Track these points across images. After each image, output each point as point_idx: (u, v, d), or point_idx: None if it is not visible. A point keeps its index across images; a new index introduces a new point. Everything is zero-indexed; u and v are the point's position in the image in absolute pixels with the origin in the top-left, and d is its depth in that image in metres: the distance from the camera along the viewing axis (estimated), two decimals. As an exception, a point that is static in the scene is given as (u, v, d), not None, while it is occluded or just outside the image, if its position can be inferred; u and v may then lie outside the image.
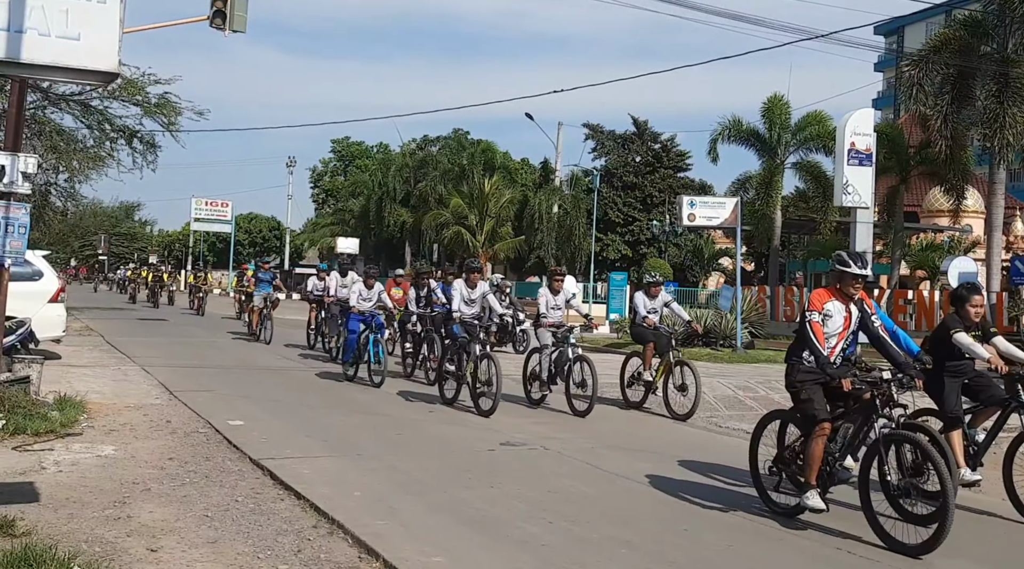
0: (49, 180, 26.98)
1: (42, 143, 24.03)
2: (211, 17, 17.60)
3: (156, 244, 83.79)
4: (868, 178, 20.27)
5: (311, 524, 6.23)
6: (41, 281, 14.86)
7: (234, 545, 5.70)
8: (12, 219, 9.08)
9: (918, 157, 29.39)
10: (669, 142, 49.33)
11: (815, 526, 6.67)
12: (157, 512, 6.35)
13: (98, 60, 4.67)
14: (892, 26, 50.79)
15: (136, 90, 24.78)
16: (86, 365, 14.82)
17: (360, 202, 58.65)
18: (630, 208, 47.27)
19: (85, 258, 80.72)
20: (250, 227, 75.82)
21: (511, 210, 47.94)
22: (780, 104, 33.12)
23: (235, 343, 20.94)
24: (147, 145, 27.18)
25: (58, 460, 7.80)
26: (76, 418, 9.50)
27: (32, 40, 4.53)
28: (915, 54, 25.55)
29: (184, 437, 9.19)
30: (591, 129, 50.43)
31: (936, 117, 23.97)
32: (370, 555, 5.59)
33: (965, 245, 33.85)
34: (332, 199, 72.48)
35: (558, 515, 6.69)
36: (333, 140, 76.06)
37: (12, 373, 10.14)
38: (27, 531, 5.55)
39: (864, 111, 21.50)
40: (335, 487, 7.22)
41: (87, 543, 5.52)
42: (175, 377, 13.69)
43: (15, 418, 8.81)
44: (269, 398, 12.15)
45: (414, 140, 61.90)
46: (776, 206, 33.09)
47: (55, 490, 6.76)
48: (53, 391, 10.53)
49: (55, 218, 32.48)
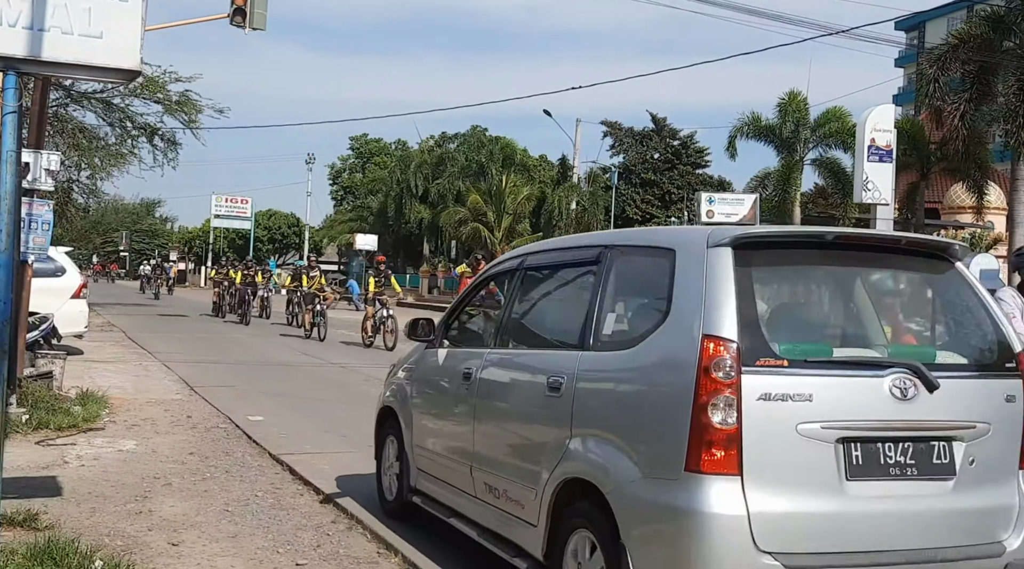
0: (71, 177, 27.23)
1: (64, 141, 24.23)
2: (231, 15, 17.70)
3: (177, 241, 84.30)
4: (888, 174, 20.17)
5: (330, 519, 6.26)
6: (64, 277, 15.00)
7: (254, 539, 5.74)
8: (36, 216, 9.16)
9: (939, 153, 29.16)
10: (688, 139, 49.29)
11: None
12: (178, 506, 6.40)
13: (120, 58, 4.70)
14: (913, 22, 50.39)
15: (157, 88, 24.95)
16: (108, 360, 14.95)
17: (378, 199, 58.81)
18: (648, 205, 47.27)
19: (106, 254, 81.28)
20: (269, 224, 76.14)
21: (529, 207, 47.99)
22: (797, 101, 32.97)
23: (253, 339, 21.10)
24: (168, 142, 27.39)
25: (80, 454, 7.87)
26: (98, 413, 9.59)
27: (55, 38, 4.57)
28: (936, 50, 25.34)
29: (204, 432, 9.26)
30: (609, 126, 50.48)
31: (952, 114, 23.76)
32: (389, 550, 5.61)
33: (987, 242, 33.57)
34: (351, 196, 72.70)
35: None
36: (351, 137, 76.32)
37: (35, 368, 10.26)
38: (50, 525, 5.61)
39: (884, 107, 21.41)
40: (353, 482, 7.26)
41: (109, 537, 5.57)
42: (195, 373, 13.79)
43: (38, 413, 8.90)
44: (288, 394, 12.22)
45: (432, 137, 62.08)
46: (795, 203, 32.97)
47: (77, 484, 6.82)
48: (75, 386, 10.63)
49: (77, 215, 32.76)
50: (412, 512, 6.18)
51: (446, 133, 61.26)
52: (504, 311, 5.45)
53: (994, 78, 24.16)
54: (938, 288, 4.45)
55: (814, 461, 3.67)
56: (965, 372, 4.08)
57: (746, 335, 3.67)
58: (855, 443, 3.73)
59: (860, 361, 3.92)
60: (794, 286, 4.49)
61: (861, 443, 3.75)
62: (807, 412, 3.66)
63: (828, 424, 3.68)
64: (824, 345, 3.97)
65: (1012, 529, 3.96)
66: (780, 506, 3.62)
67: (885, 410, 3.78)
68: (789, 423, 3.65)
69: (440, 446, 5.73)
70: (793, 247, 4.21)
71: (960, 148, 24.76)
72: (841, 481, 3.70)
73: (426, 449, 5.88)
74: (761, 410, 3.63)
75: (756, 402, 3.62)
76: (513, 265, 5.60)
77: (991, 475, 3.97)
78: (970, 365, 4.13)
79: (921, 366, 3.85)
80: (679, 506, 3.63)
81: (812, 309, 4.51)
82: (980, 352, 4.19)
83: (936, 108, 24.42)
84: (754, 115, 33.22)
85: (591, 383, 4.30)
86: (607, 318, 4.44)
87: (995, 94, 24.31)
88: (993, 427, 3.98)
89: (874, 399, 3.78)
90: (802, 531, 3.66)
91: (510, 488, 4.76)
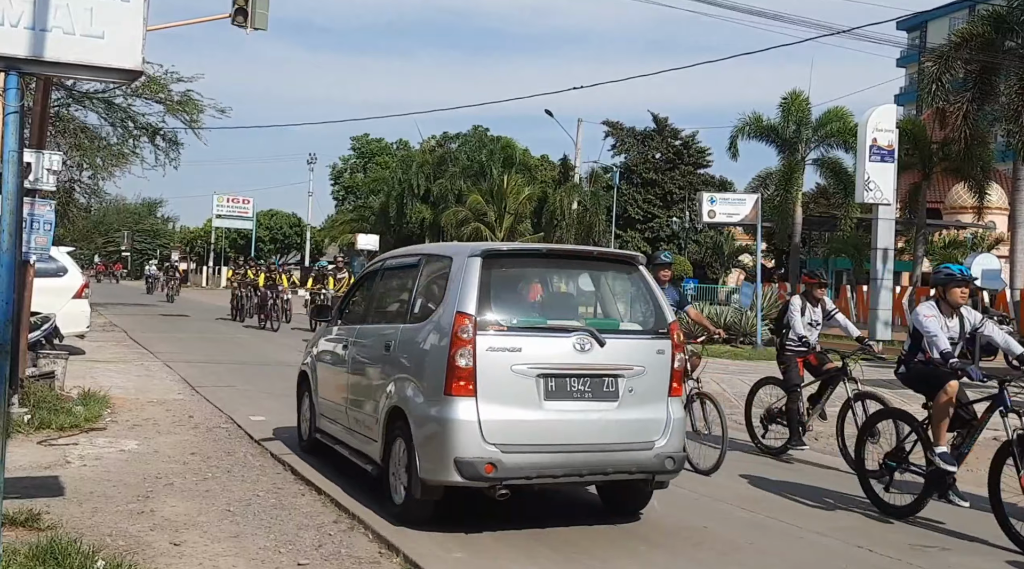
0: (73, 177, 27.21)
1: (66, 140, 24.22)
2: (233, 15, 17.70)
3: (178, 240, 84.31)
4: (890, 174, 20.15)
5: (332, 519, 6.27)
6: (65, 277, 15.01)
7: (256, 539, 5.74)
8: (37, 216, 9.16)
9: (941, 153, 29.12)
10: (689, 139, 49.19)
11: (839, 526, 6.66)
12: (180, 506, 6.41)
13: (122, 58, 4.70)
14: (915, 22, 50.43)
15: (159, 88, 24.93)
16: (109, 360, 14.95)
17: (380, 199, 58.72)
18: (650, 205, 47.20)
19: (108, 254, 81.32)
20: (271, 224, 76.14)
21: (530, 207, 47.93)
22: (799, 100, 32.91)
23: (255, 339, 21.06)
24: (170, 142, 27.35)
25: (82, 454, 7.88)
26: (100, 413, 9.60)
27: (57, 39, 4.56)
28: (938, 49, 25.31)
29: (206, 432, 9.27)
30: (611, 126, 50.41)
31: (956, 114, 23.74)
32: (391, 550, 5.62)
33: (988, 242, 33.58)
34: (352, 196, 72.62)
35: (572, 508, 6.71)
36: (352, 137, 76.22)
37: (37, 368, 10.25)
38: (52, 525, 5.61)
39: (886, 107, 21.39)
40: (354, 482, 7.26)
41: (111, 537, 5.58)
42: (197, 373, 13.80)
43: (40, 413, 8.91)
44: (290, 394, 12.19)
45: (434, 137, 62.00)
46: (797, 203, 32.92)
47: (79, 484, 6.83)
48: (77, 386, 10.63)
49: (79, 215, 32.70)
50: (318, 447, 8.09)
51: (448, 133, 61.27)
52: (371, 297, 7.81)
53: (996, 78, 24.13)
54: (628, 283, 6.75)
55: (523, 388, 5.88)
56: (633, 335, 6.44)
57: (482, 311, 5.92)
58: (549, 378, 5.94)
59: (555, 327, 6.11)
60: (520, 281, 6.65)
61: (554, 378, 5.97)
62: (518, 358, 5.87)
63: (532, 366, 5.90)
64: (536, 317, 6.23)
65: (662, 433, 6.22)
66: (500, 415, 5.82)
67: (569, 357, 5.99)
68: (507, 364, 5.86)
69: (331, 394, 7.89)
70: (522, 256, 6.80)
71: (963, 147, 24.71)
72: (541, 401, 5.92)
73: (324, 398, 8.09)
74: (489, 357, 5.84)
75: (486, 352, 5.84)
76: (378, 266, 8.04)
77: (646, 399, 6.23)
78: (639, 331, 6.49)
79: (595, 331, 6.08)
80: (441, 416, 5.84)
81: (527, 295, 6.69)
82: (648, 322, 6.52)
83: (939, 107, 24.39)
84: (756, 115, 33.15)
85: (404, 344, 6.51)
86: (417, 301, 6.69)
87: (997, 94, 24.27)
88: (647, 369, 6.23)
89: (562, 350, 6.00)
90: (514, 431, 5.84)
91: (366, 419, 6.91)
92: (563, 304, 6.94)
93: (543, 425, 5.90)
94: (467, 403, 5.78)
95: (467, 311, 5.86)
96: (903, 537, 6.43)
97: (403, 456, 6.17)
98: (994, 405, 6.60)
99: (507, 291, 6.34)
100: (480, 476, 5.72)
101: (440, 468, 5.82)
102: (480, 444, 5.74)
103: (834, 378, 9.16)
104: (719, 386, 14.28)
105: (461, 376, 5.78)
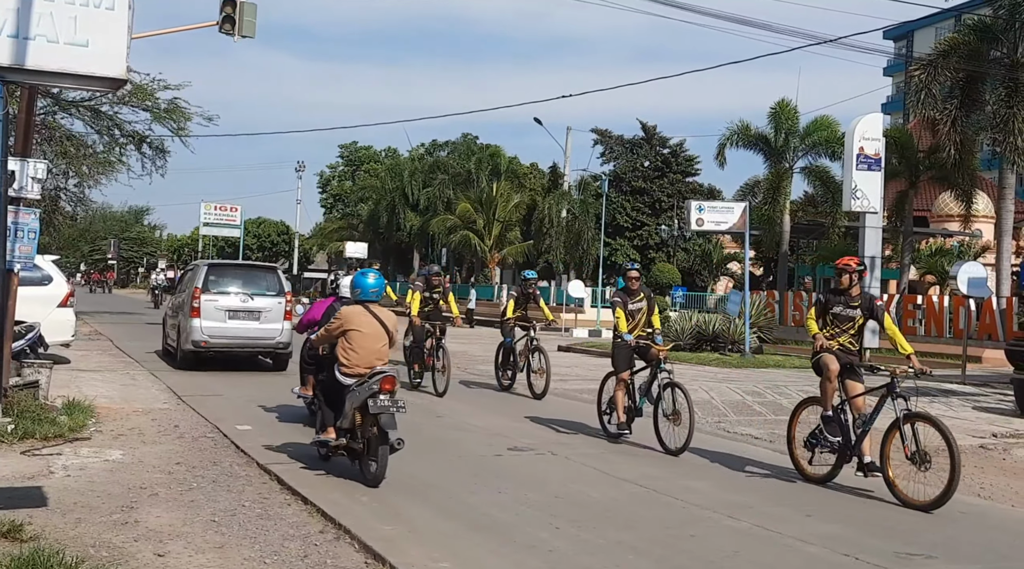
0: (59, 185, 27.14)
1: (52, 148, 24.16)
2: (220, 23, 17.71)
3: (165, 248, 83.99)
4: (877, 183, 20.19)
5: (318, 529, 6.24)
6: (50, 286, 14.92)
7: (241, 550, 5.70)
8: (22, 224, 9.12)
9: (928, 162, 29.25)
10: (677, 147, 49.22)
11: (823, 534, 6.67)
12: (164, 517, 6.36)
13: (106, 66, 4.68)
14: (901, 31, 50.64)
15: (145, 95, 24.91)
16: (95, 369, 14.87)
17: (368, 207, 58.69)
18: (639, 213, 47.19)
19: (94, 262, 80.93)
20: (259, 232, 75.87)
21: (519, 214, 47.94)
22: (787, 109, 33.03)
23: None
24: (156, 150, 27.35)
25: (66, 465, 7.82)
26: (84, 422, 9.53)
27: (40, 47, 4.55)
28: (924, 59, 25.45)
29: (192, 442, 9.21)
30: (600, 134, 50.38)
31: (945, 121, 23.88)
32: (377, 560, 5.59)
33: (975, 250, 33.70)
34: (340, 204, 72.53)
35: (565, 520, 6.69)
36: (341, 145, 76.12)
37: (21, 377, 10.17)
38: (35, 536, 5.56)
39: (873, 116, 21.41)
40: (341, 492, 7.23)
41: (94, 548, 5.53)
42: (183, 382, 13.73)
43: (24, 422, 8.84)
44: (277, 403, 12.15)
45: (423, 145, 62.02)
46: (784, 211, 32.99)
47: (63, 495, 6.78)
48: (62, 395, 10.56)
49: (65, 223, 32.60)
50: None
51: (436, 141, 61.25)
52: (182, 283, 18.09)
53: (982, 87, 24.29)
54: (272, 276, 16.71)
55: (218, 315, 15.39)
56: (267, 295, 16.07)
57: (204, 287, 15.50)
58: (229, 311, 15.68)
59: (233, 292, 15.84)
60: (224, 275, 16.18)
61: (231, 311, 15.71)
62: (217, 303, 15.55)
63: (221, 306, 15.61)
64: (226, 288, 15.88)
65: (280, 335, 15.68)
66: (208, 324, 15.26)
67: (239, 304, 15.88)
68: (211, 306, 15.37)
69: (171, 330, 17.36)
70: (224, 265, 17.70)
71: (954, 155, 24.84)
72: (226, 320, 15.56)
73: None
74: (205, 301, 15.33)
75: (204, 300, 15.29)
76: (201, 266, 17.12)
77: (271, 320, 15.64)
78: (271, 293, 16.09)
79: (251, 294, 16.03)
80: (189, 325, 15.36)
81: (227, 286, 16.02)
82: (274, 290, 16.22)
83: (928, 116, 24.49)
84: (744, 123, 33.22)
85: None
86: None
87: (983, 102, 24.43)
88: (273, 309, 15.77)
89: (236, 301, 15.78)
90: (214, 331, 15.42)
91: (171, 332, 17.20)
92: (241, 283, 15.91)
93: (225, 329, 15.24)
94: (197, 320, 15.03)
95: (198, 286, 15.29)
96: (888, 545, 6.44)
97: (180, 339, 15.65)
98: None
99: (216, 277, 15.80)
100: (200, 347, 15.17)
101: (189, 343, 15.16)
102: (201, 334, 15.02)
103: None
104: (707, 394, 14.27)
105: (195, 309, 15.00)
